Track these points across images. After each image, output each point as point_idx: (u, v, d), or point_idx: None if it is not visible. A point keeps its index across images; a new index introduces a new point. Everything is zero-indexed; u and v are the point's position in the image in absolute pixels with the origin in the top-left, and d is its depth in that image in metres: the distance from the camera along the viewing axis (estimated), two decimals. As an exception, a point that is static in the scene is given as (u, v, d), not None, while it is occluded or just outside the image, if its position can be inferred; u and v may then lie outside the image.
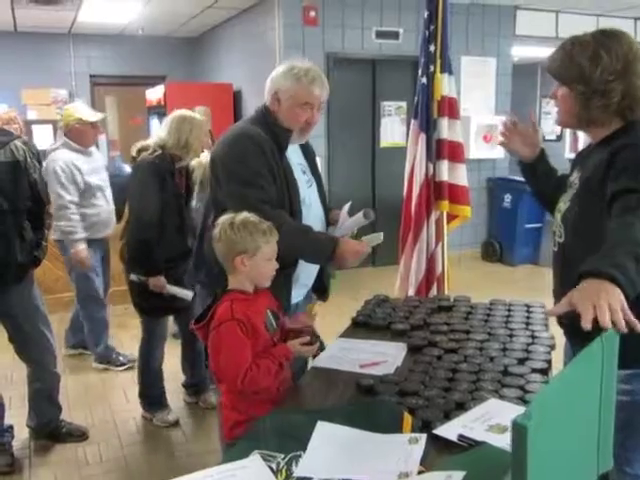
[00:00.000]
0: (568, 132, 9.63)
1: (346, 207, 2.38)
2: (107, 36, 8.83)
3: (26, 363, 3.09)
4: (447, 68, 3.52)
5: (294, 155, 2.34)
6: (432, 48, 3.48)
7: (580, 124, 1.77)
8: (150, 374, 3.46)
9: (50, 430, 3.24)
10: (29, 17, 7.55)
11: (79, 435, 3.30)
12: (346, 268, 2.28)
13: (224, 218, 1.93)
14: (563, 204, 1.83)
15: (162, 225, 3.14)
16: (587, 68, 1.66)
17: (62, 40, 8.75)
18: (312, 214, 2.29)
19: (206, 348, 1.91)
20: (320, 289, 2.54)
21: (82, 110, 3.88)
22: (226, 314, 1.82)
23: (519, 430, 0.85)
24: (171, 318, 3.62)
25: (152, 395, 3.50)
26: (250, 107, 7.28)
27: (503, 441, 1.50)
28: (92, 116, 3.87)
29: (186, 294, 3.24)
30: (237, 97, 7.79)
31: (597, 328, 1.13)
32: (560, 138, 9.81)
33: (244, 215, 1.91)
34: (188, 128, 3.24)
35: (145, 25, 8.17)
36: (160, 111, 7.66)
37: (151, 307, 3.31)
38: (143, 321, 3.41)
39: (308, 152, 2.45)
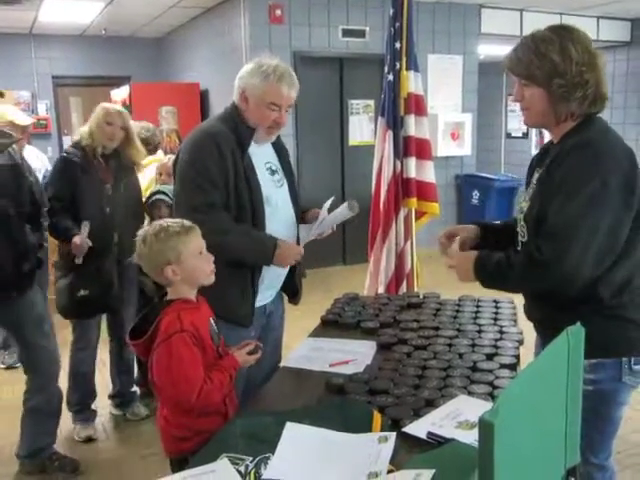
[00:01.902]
0: (534, 129, 9.77)
1: (327, 204, 2.34)
2: (69, 36, 8.68)
3: (28, 375, 2.88)
4: (413, 65, 3.53)
5: (263, 154, 2.29)
6: (398, 45, 3.49)
7: (554, 120, 1.75)
8: (78, 379, 3.34)
9: (42, 461, 2.96)
10: (-12, 17, 7.38)
11: (71, 470, 2.99)
12: (283, 267, 2.26)
13: (138, 235, 1.81)
14: (525, 204, 1.84)
15: (82, 216, 3.05)
16: (560, 62, 1.65)
17: (23, 41, 8.57)
18: (279, 214, 2.25)
19: (145, 362, 1.81)
20: (291, 291, 2.49)
21: (14, 113, 3.80)
22: (174, 326, 1.70)
23: (486, 427, 0.84)
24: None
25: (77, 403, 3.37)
26: (217, 106, 7.23)
27: (472, 437, 1.50)
28: (24, 120, 3.80)
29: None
30: (204, 96, 7.73)
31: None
32: (526, 135, 9.95)
33: (154, 225, 1.79)
34: (92, 116, 3.22)
35: (108, 26, 8.04)
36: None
37: (66, 306, 3.17)
38: (72, 325, 3.30)
39: (281, 151, 2.40)
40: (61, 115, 9.26)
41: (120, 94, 7.78)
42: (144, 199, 3.48)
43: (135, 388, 3.65)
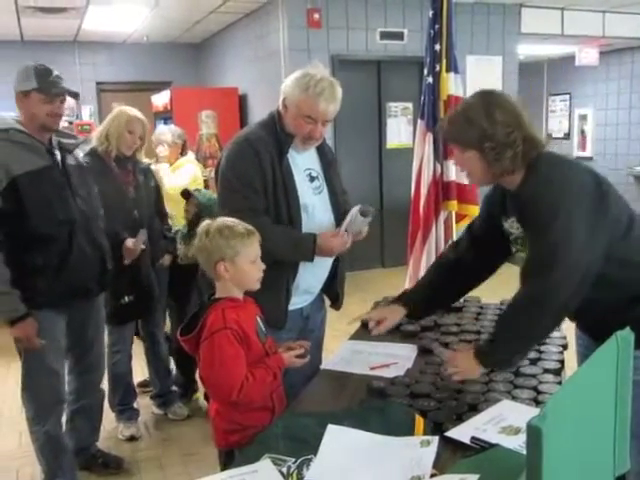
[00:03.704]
0: (576, 130, 9.59)
1: (354, 210, 2.33)
2: (113, 43, 8.86)
3: (81, 376, 2.89)
4: (453, 67, 3.51)
5: (304, 160, 2.30)
6: (437, 47, 3.47)
7: (495, 178, 1.88)
8: (117, 381, 3.39)
9: (86, 458, 3.01)
10: (35, 26, 7.58)
11: (115, 467, 3.04)
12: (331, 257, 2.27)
13: (201, 227, 1.88)
14: (524, 255, 1.90)
15: (113, 222, 3.01)
16: (488, 126, 1.77)
17: (68, 48, 8.78)
18: (316, 221, 2.25)
19: (193, 359, 1.88)
20: (333, 296, 2.50)
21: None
22: (218, 323, 1.76)
23: (534, 432, 0.83)
24: None
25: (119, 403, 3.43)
26: (256, 110, 7.29)
27: (516, 443, 1.48)
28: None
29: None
30: (243, 101, 7.80)
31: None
32: (568, 136, 9.75)
33: (220, 221, 1.86)
34: (109, 119, 3.21)
35: (149, 32, 8.19)
36: (166, 116, 7.67)
37: (113, 313, 3.20)
38: (109, 328, 3.31)
39: (325, 158, 2.39)
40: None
41: (161, 99, 7.91)
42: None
43: (174, 388, 3.71)
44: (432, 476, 1.38)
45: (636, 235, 1.82)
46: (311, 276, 2.30)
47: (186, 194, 3.52)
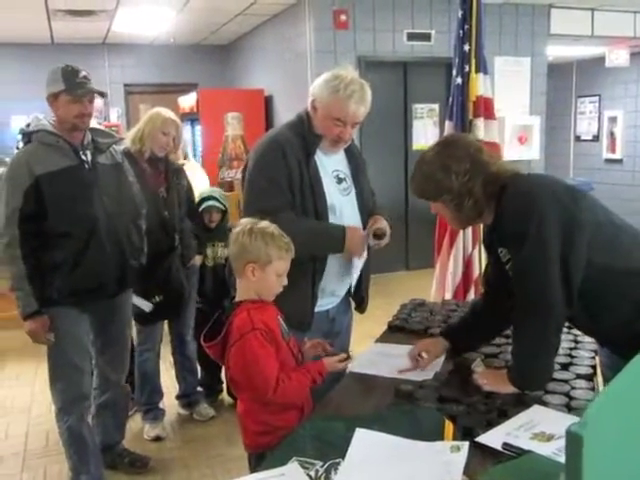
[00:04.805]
0: (605, 132, 9.43)
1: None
2: (140, 45, 8.95)
3: (103, 372, 2.90)
4: (482, 68, 3.47)
5: (331, 162, 2.28)
6: (467, 48, 3.43)
7: (468, 222, 1.98)
8: (145, 380, 3.40)
9: (112, 457, 3.04)
10: (65, 29, 7.70)
11: (141, 466, 3.06)
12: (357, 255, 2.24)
13: (246, 221, 1.89)
14: None
15: None
16: (443, 180, 1.81)
17: (97, 51, 8.90)
18: (344, 222, 2.23)
19: (212, 363, 1.89)
20: (357, 299, 2.47)
21: None
22: (246, 325, 1.76)
23: (574, 440, 0.80)
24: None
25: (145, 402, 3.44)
26: (282, 112, 7.30)
27: (549, 450, 1.45)
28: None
29: (143, 304, 3.17)
30: (269, 102, 7.82)
31: None
32: (597, 138, 9.60)
33: (265, 224, 1.86)
34: (144, 121, 3.21)
35: (176, 34, 8.26)
36: (193, 117, 7.73)
37: (142, 312, 3.22)
38: (137, 327, 3.35)
39: (354, 160, 2.38)
40: (131, 122, 9.57)
41: (188, 100, 7.96)
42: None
43: (200, 389, 3.72)
44: (463, 482, 1.36)
45: (626, 242, 1.82)
46: (336, 278, 2.29)
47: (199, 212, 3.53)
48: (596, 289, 1.75)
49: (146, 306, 3.18)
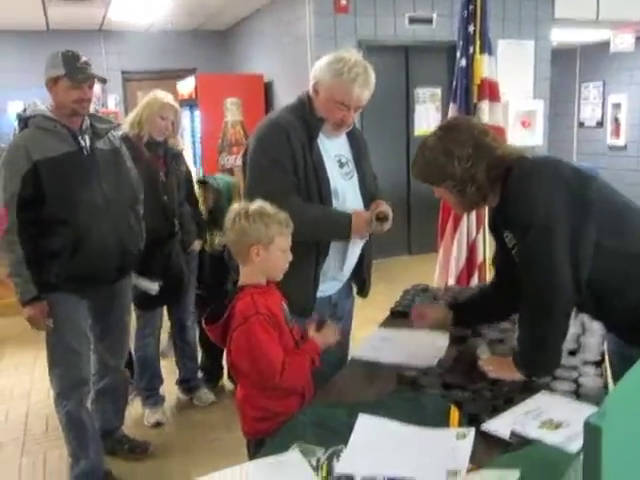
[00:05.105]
0: (609, 118, 9.35)
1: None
2: (137, 32, 8.85)
3: (102, 358, 2.86)
4: (487, 49, 3.39)
5: (334, 145, 2.24)
6: (471, 29, 3.35)
7: (471, 207, 1.94)
8: (144, 365, 3.37)
9: (112, 443, 3.02)
10: (61, 15, 7.58)
11: (140, 452, 3.04)
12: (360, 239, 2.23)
13: (238, 207, 1.85)
14: None
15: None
16: (445, 166, 1.78)
17: (93, 37, 8.79)
18: (347, 206, 2.19)
19: (213, 347, 1.86)
20: (359, 284, 2.44)
21: None
22: (250, 309, 1.74)
23: (593, 431, 0.75)
24: None
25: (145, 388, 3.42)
26: (281, 97, 7.22)
27: (556, 438, 1.41)
28: None
29: (150, 287, 3.12)
30: (268, 88, 7.73)
31: None
32: (601, 124, 9.51)
33: (259, 204, 1.83)
34: (143, 104, 3.16)
35: (173, 20, 8.15)
36: (192, 103, 7.65)
37: (140, 299, 3.18)
38: (137, 313, 3.31)
39: (356, 144, 2.33)
40: (129, 109, 9.47)
41: (186, 86, 7.88)
42: None
43: (200, 374, 3.69)
44: (469, 471, 1.31)
45: (637, 226, 1.77)
46: (338, 263, 2.25)
47: (202, 182, 3.50)
48: (604, 273, 1.70)
49: (153, 288, 3.14)
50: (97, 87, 2.60)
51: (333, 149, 2.23)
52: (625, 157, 9.11)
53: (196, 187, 3.57)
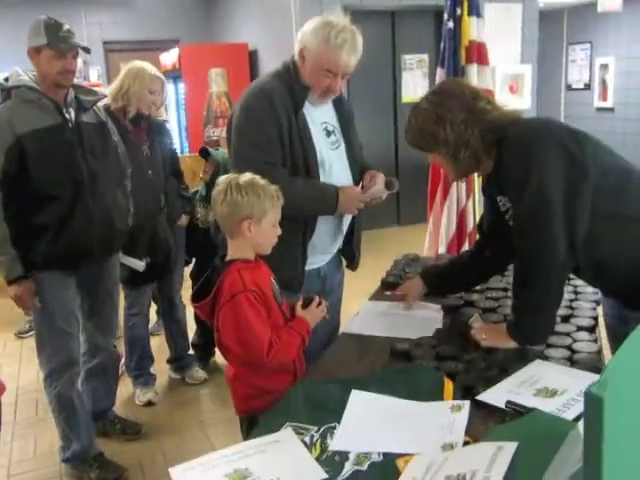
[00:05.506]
0: (597, 80, 9.27)
1: (380, 182, 2.21)
2: (118, 1, 8.63)
3: (91, 337, 2.80)
4: (475, 11, 3.32)
5: (320, 113, 2.18)
6: (459, -10, 3.27)
7: (468, 171, 1.89)
8: (134, 344, 3.34)
9: (104, 424, 3.00)
10: (38, -16, 7.38)
11: (132, 433, 3.02)
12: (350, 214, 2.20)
13: (227, 178, 1.79)
14: None
15: None
16: (438, 132, 1.74)
17: (73, 6, 8.56)
18: (333, 178, 2.14)
19: (207, 324, 1.82)
20: (349, 256, 2.40)
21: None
22: (237, 285, 1.69)
23: (594, 402, 0.72)
24: None
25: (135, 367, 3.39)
26: (267, 67, 7.09)
27: (553, 406, 1.40)
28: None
29: (137, 264, 3.06)
30: (253, 57, 7.59)
31: None
32: (589, 87, 9.43)
33: (250, 176, 1.77)
34: (127, 76, 3.05)
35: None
36: (176, 75, 7.51)
37: (130, 275, 3.13)
38: (125, 291, 3.27)
39: (343, 111, 2.28)
40: (112, 81, 9.29)
41: (169, 57, 7.73)
42: None
43: (191, 352, 3.66)
44: (465, 443, 1.30)
45: (634, 188, 1.72)
46: (327, 236, 2.21)
47: (204, 153, 3.41)
48: (601, 237, 1.67)
49: (139, 265, 3.08)
50: (79, 59, 2.50)
51: (319, 117, 2.17)
52: (612, 119, 9.07)
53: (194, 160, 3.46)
